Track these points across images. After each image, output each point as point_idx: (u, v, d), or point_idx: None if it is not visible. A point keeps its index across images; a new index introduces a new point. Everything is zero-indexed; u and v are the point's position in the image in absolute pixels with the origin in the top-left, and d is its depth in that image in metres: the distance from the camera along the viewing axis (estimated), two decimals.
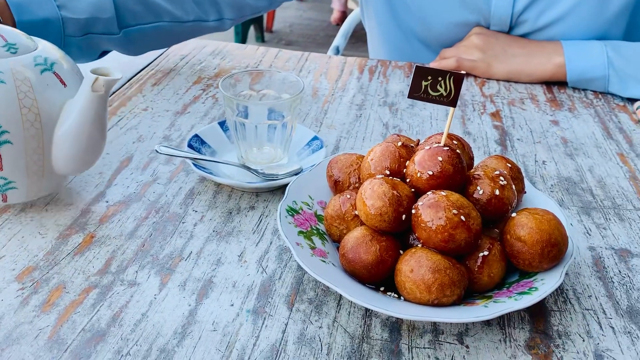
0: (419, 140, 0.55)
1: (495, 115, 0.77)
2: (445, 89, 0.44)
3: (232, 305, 0.45)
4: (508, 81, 0.87)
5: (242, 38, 3.25)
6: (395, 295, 0.44)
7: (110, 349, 0.41)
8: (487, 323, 0.44)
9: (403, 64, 0.92)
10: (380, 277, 0.45)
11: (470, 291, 0.45)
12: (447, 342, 0.43)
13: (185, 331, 0.43)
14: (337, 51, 1.18)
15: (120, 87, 0.80)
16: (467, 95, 0.82)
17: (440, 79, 0.44)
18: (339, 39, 1.19)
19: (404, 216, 0.44)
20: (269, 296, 0.46)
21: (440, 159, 0.45)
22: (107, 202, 0.56)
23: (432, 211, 0.42)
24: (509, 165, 0.51)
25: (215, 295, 0.46)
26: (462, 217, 0.42)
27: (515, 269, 0.46)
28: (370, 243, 0.44)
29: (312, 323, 0.44)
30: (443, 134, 0.48)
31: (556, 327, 0.44)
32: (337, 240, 0.49)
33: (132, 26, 0.76)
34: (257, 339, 0.42)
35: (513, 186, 0.47)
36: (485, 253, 0.44)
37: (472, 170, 0.48)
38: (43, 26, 0.67)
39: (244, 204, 0.57)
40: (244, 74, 0.63)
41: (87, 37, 0.72)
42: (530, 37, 0.88)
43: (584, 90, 0.85)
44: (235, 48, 0.95)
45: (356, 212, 0.47)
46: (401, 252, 0.45)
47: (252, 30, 3.49)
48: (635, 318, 0.46)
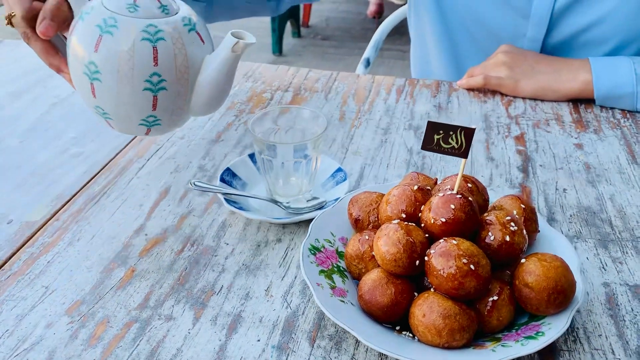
0: (436, 179, 0.57)
1: (520, 138, 0.78)
2: (457, 142, 0.47)
3: (258, 340, 0.49)
4: (535, 99, 0.87)
5: (278, 34, 3.29)
6: (410, 335, 0.48)
7: None
8: None
9: (431, 82, 0.94)
10: (395, 317, 0.48)
11: (480, 332, 0.47)
12: None
13: None
14: (367, 63, 1.20)
15: None
16: (492, 117, 0.83)
17: (451, 132, 0.47)
18: (370, 51, 1.21)
19: (417, 262, 0.47)
20: (292, 332, 0.50)
21: (452, 206, 0.48)
22: (147, 235, 0.61)
23: (443, 260, 0.45)
24: (523, 207, 0.53)
25: (243, 331, 0.50)
26: (472, 266, 0.45)
27: (525, 311, 0.49)
28: (385, 286, 0.48)
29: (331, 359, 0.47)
30: (457, 179, 0.50)
31: None
32: (357, 278, 0.53)
33: None
34: None
35: (524, 230, 0.49)
36: (495, 298, 0.46)
37: (484, 215, 0.50)
38: None
39: (271, 236, 0.61)
40: (272, 110, 0.66)
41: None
42: (568, 41, 0.89)
43: (612, 109, 0.85)
44: (266, 69, 0.99)
45: (374, 254, 0.50)
46: (416, 294, 0.48)
47: (288, 26, 3.52)
48: None
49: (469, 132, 0.46)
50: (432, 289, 0.47)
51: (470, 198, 0.49)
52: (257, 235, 0.61)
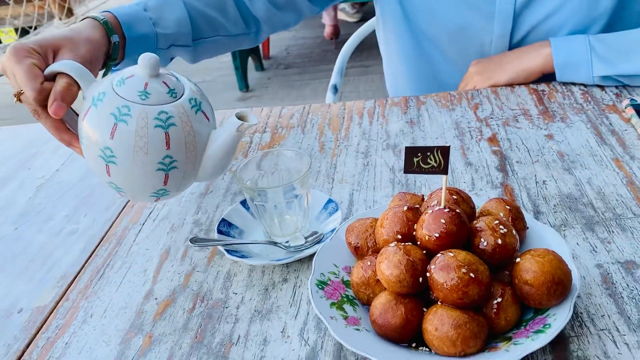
0: (423, 196, 0.60)
1: (492, 139, 0.82)
2: (435, 161, 0.50)
3: None
4: (511, 85, 0.94)
5: (242, 71, 3.33)
6: (427, 349, 0.50)
7: None
8: None
9: (399, 99, 0.97)
10: (409, 335, 0.50)
11: (492, 334, 0.49)
12: None
13: None
14: (335, 89, 1.24)
15: None
16: (462, 123, 0.87)
17: (429, 153, 0.50)
18: (335, 77, 1.25)
19: (420, 279, 0.50)
20: None
21: (443, 221, 0.50)
22: (156, 299, 0.63)
23: (444, 273, 0.48)
24: (508, 208, 0.56)
25: None
26: (472, 274, 0.47)
27: (530, 306, 0.51)
28: (395, 307, 0.50)
29: None
30: (442, 194, 0.53)
31: (576, 353, 0.49)
32: (366, 303, 0.55)
33: (198, 39, 0.90)
34: None
35: (513, 231, 0.52)
36: (499, 300, 0.49)
37: (474, 222, 0.53)
38: (142, 40, 0.80)
39: (277, 277, 0.63)
40: (254, 156, 0.69)
41: (170, 48, 0.86)
42: (532, 32, 0.95)
43: (573, 93, 0.89)
44: None
45: (378, 278, 0.53)
46: (424, 309, 0.50)
47: (250, 61, 3.56)
48: None
49: (444, 150, 0.49)
50: (439, 302, 0.50)
51: (458, 210, 0.51)
52: (263, 280, 0.63)
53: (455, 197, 0.56)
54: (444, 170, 0.50)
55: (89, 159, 0.61)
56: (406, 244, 0.52)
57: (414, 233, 0.53)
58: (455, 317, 0.47)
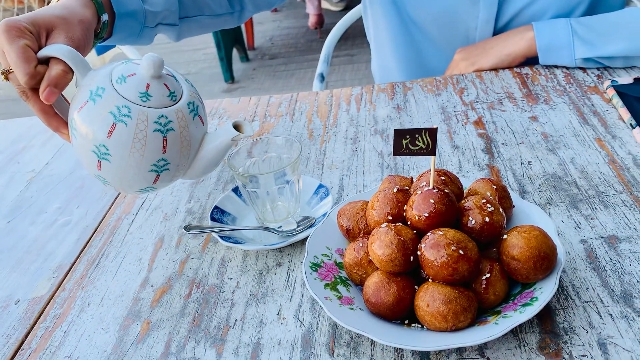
0: (412, 178, 0.61)
1: (478, 122, 0.83)
2: (424, 143, 0.51)
3: None
4: (495, 69, 0.95)
5: (227, 62, 3.32)
6: (419, 325, 0.51)
7: None
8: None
9: (385, 86, 0.98)
10: (402, 313, 0.51)
11: (481, 309, 0.51)
12: (471, 357, 0.50)
13: None
14: (322, 78, 1.24)
15: None
16: (449, 107, 0.88)
17: (417, 135, 0.51)
18: (322, 66, 1.25)
19: (412, 257, 0.51)
20: (311, 347, 0.53)
21: (432, 201, 0.52)
22: (153, 286, 0.64)
23: (434, 251, 0.49)
24: (495, 187, 0.57)
25: (265, 356, 0.53)
26: (461, 251, 0.49)
27: (517, 281, 0.53)
28: (388, 286, 0.51)
29: None
30: (430, 175, 0.54)
31: (562, 325, 0.51)
32: (359, 284, 0.56)
33: (183, 17, 0.90)
34: None
35: (500, 209, 0.54)
36: (488, 275, 0.50)
37: (462, 202, 0.54)
38: (131, 17, 0.79)
39: (271, 262, 0.64)
40: (245, 144, 0.69)
41: (157, 26, 0.86)
42: (516, 17, 0.96)
43: (555, 76, 0.91)
44: (229, 103, 1.02)
45: (371, 258, 0.54)
46: (416, 287, 0.52)
47: (235, 52, 3.55)
48: (629, 301, 0.52)
49: (432, 132, 0.51)
50: (430, 280, 0.51)
51: (446, 190, 0.53)
52: (257, 264, 0.64)
53: (443, 178, 0.57)
54: (432, 152, 0.52)
55: (79, 150, 0.61)
56: (397, 224, 0.53)
57: (404, 214, 0.55)
58: (446, 293, 0.49)
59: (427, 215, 0.52)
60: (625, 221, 0.61)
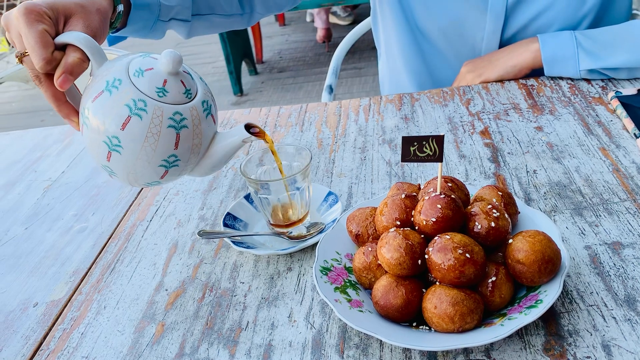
0: (419, 185, 0.63)
1: (484, 132, 0.85)
2: (431, 150, 0.53)
3: None
4: (501, 81, 0.97)
5: (236, 75, 3.36)
6: (427, 327, 0.53)
7: None
8: (508, 336, 0.52)
9: (393, 97, 1.00)
10: (411, 315, 0.53)
11: (487, 312, 0.53)
12: (477, 358, 0.51)
13: None
14: (330, 90, 1.27)
15: None
16: (455, 118, 0.90)
17: (424, 142, 0.53)
18: (330, 78, 1.28)
19: (419, 261, 0.53)
20: (321, 349, 0.55)
21: (439, 206, 0.53)
22: (167, 290, 0.66)
23: (442, 254, 0.51)
24: (500, 194, 0.59)
25: (277, 357, 0.55)
26: (467, 255, 0.50)
27: (522, 285, 0.54)
28: (396, 289, 0.53)
29: None
30: (437, 181, 0.56)
31: (566, 327, 0.52)
32: (368, 288, 0.58)
33: (195, 15, 0.91)
34: None
35: (506, 214, 0.55)
36: (494, 278, 0.52)
37: (469, 207, 0.56)
38: (146, 9, 0.80)
39: (281, 267, 0.66)
40: (256, 152, 0.71)
41: (170, 21, 0.87)
42: (522, 30, 0.99)
43: (560, 87, 0.93)
44: (240, 114, 1.04)
45: (379, 262, 0.56)
46: (424, 290, 0.53)
47: (244, 66, 3.60)
48: (633, 305, 0.53)
49: (439, 139, 0.52)
50: (437, 283, 0.53)
51: (453, 195, 0.54)
52: (268, 269, 0.66)
53: (450, 184, 0.59)
54: (439, 158, 0.53)
55: (89, 140, 0.60)
56: (405, 229, 0.55)
57: (412, 219, 0.56)
58: (453, 295, 0.50)
59: (434, 220, 0.53)
60: (629, 228, 0.62)
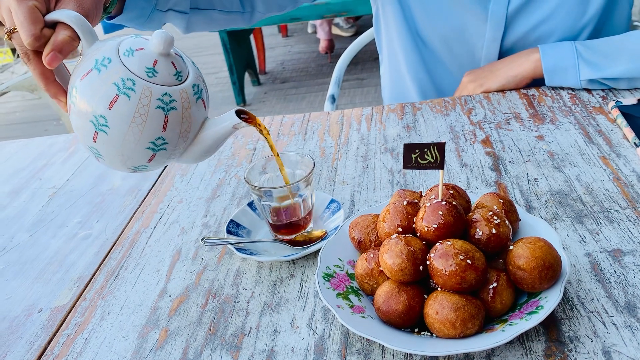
0: (421, 192, 0.64)
1: (486, 141, 0.86)
2: (432, 157, 0.53)
3: None
4: (502, 90, 0.98)
5: (239, 86, 3.38)
6: (428, 333, 0.53)
7: None
8: (509, 342, 0.53)
9: (395, 106, 1.01)
10: (412, 321, 0.53)
11: (488, 318, 0.53)
12: None
13: None
14: (333, 99, 1.28)
15: (154, 184, 0.90)
16: (457, 127, 0.91)
17: (425, 149, 0.53)
18: (333, 88, 1.29)
19: (421, 267, 0.53)
20: (324, 354, 0.55)
21: (441, 213, 0.54)
22: (170, 296, 0.66)
23: (443, 260, 0.51)
24: (501, 201, 0.59)
25: None
26: (469, 261, 0.51)
27: (523, 291, 0.55)
28: (398, 295, 0.53)
29: None
30: (439, 189, 0.56)
31: (567, 334, 0.52)
32: (370, 294, 0.58)
33: (194, 8, 0.90)
34: None
35: (507, 221, 0.56)
36: (495, 285, 0.52)
37: (470, 214, 0.57)
38: None
39: (284, 273, 0.66)
40: (259, 161, 0.72)
41: (168, 12, 0.86)
42: (522, 38, 1.00)
43: (561, 97, 0.93)
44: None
45: (381, 268, 0.56)
46: (425, 296, 0.54)
47: (247, 76, 3.62)
48: (633, 311, 0.54)
49: (440, 146, 0.53)
50: (438, 289, 0.53)
51: (454, 202, 0.55)
52: (271, 276, 0.66)
53: (451, 191, 0.59)
54: (441, 165, 0.54)
55: (75, 119, 0.59)
56: (407, 235, 0.55)
57: (414, 225, 0.57)
58: (454, 301, 0.51)
59: (436, 226, 0.54)
60: (630, 235, 0.63)
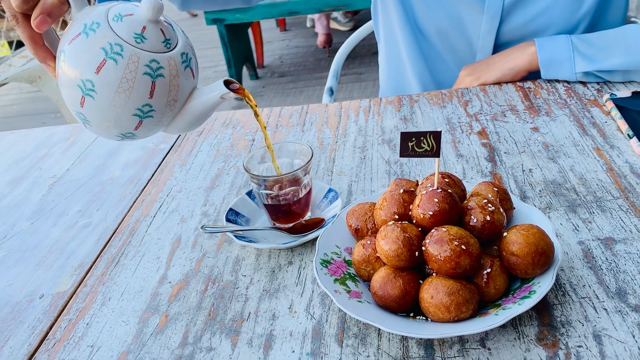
0: (417, 181, 0.65)
1: (482, 133, 0.87)
2: (429, 145, 0.55)
3: (293, 351, 0.55)
4: (499, 83, 0.99)
5: (236, 79, 3.38)
6: (423, 318, 0.54)
7: None
8: (503, 326, 0.54)
9: (392, 98, 1.02)
10: (408, 305, 0.54)
11: (482, 303, 0.54)
12: (472, 348, 0.52)
13: None
14: (331, 92, 1.29)
15: (153, 174, 0.91)
16: (453, 119, 0.92)
17: (422, 138, 0.54)
18: (331, 80, 1.30)
19: (417, 253, 0.54)
20: (321, 338, 0.56)
21: (436, 200, 0.55)
22: (170, 282, 0.67)
23: (438, 246, 0.52)
24: (496, 190, 0.61)
25: (278, 346, 0.56)
26: (463, 246, 0.52)
27: (517, 277, 0.56)
28: (394, 280, 0.54)
29: (360, 354, 0.54)
30: (435, 177, 0.58)
31: (559, 318, 0.54)
32: (367, 280, 0.59)
33: None
34: None
35: (501, 209, 0.57)
36: (488, 270, 0.53)
37: (465, 202, 0.58)
38: None
39: (282, 260, 0.67)
40: (257, 150, 0.73)
41: None
42: (518, 31, 1.00)
43: (557, 89, 0.94)
44: (242, 115, 1.06)
45: (378, 255, 0.57)
46: (421, 281, 0.55)
47: (245, 71, 3.62)
48: (623, 297, 0.55)
49: (437, 135, 0.54)
50: (433, 274, 0.54)
51: (450, 190, 0.56)
52: (270, 263, 0.67)
53: (447, 180, 0.60)
54: (437, 154, 0.55)
55: (64, 84, 0.59)
56: (403, 222, 0.57)
57: (410, 213, 0.58)
58: (449, 285, 0.52)
59: (431, 213, 0.55)
60: (622, 224, 0.64)
